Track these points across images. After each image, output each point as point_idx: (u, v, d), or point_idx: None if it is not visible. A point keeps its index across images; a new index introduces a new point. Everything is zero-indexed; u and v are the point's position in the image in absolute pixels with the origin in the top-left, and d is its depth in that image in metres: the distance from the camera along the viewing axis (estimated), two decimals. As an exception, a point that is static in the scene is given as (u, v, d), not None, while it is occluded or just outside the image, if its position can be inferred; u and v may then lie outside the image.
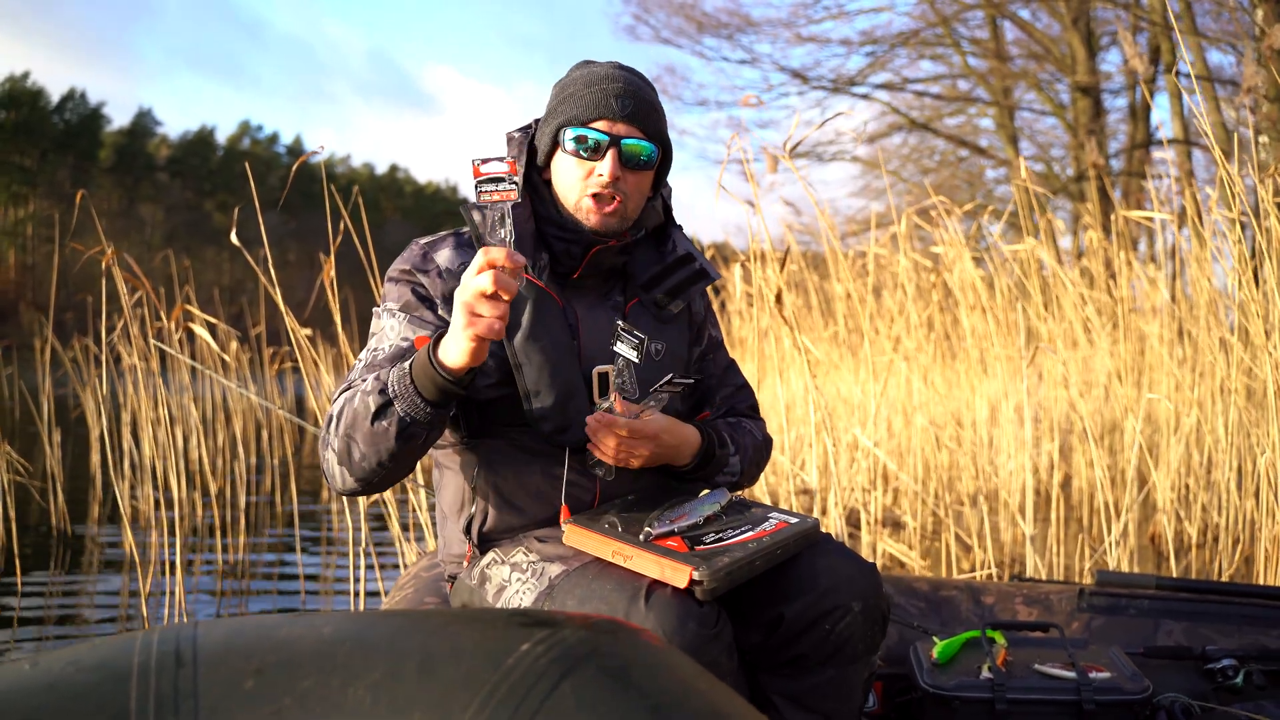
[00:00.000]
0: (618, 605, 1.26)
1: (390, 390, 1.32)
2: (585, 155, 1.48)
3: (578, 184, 1.50)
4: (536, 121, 1.60)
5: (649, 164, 1.51)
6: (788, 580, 1.40)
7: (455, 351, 1.27)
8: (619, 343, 1.47)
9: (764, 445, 1.71)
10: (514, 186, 1.27)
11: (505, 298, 1.23)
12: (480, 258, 1.23)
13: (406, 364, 1.33)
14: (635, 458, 1.45)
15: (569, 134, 1.49)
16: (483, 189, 1.27)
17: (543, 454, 1.51)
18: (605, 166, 1.47)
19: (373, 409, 1.33)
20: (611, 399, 1.44)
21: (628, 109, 1.47)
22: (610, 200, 1.49)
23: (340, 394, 1.42)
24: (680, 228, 1.69)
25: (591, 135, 1.47)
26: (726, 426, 1.65)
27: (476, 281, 1.23)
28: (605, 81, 1.49)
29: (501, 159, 1.28)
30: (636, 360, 1.46)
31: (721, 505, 1.47)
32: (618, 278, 1.61)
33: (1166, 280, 5.03)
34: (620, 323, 1.47)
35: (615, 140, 1.47)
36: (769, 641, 1.41)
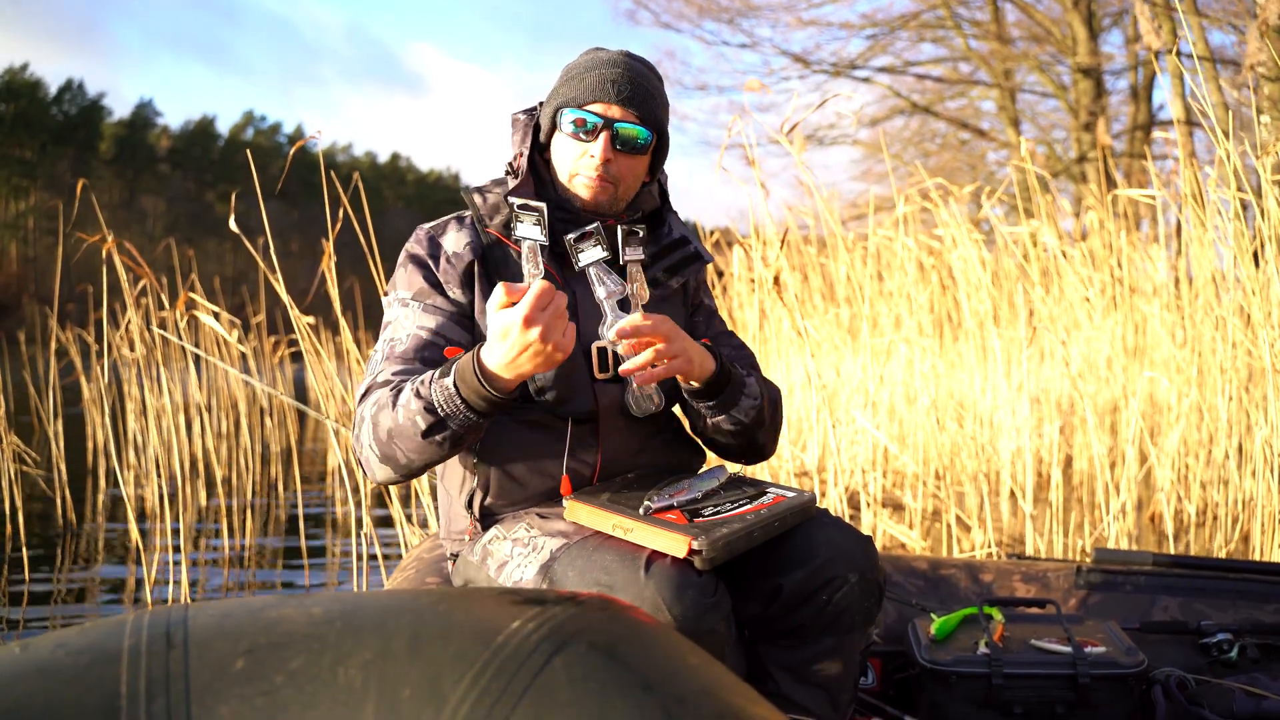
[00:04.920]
0: (618, 575, 1.28)
1: (440, 410, 1.32)
2: (580, 137, 1.51)
3: (571, 164, 1.53)
4: (541, 104, 1.62)
5: (642, 148, 1.53)
6: (786, 552, 1.42)
7: (512, 374, 1.29)
8: (580, 254, 1.47)
9: (775, 391, 1.65)
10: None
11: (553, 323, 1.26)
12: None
13: (450, 382, 1.32)
14: (669, 357, 1.38)
15: (565, 115, 1.52)
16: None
17: (543, 426, 1.52)
18: (597, 148, 1.49)
19: (423, 427, 1.34)
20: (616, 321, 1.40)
21: (623, 93, 1.49)
22: (602, 180, 1.51)
23: (366, 391, 1.44)
24: (675, 213, 1.70)
25: (587, 117, 1.49)
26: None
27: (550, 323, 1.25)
28: (606, 66, 1.51)
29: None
30: (605, 255, 1.46)
31: (720, 481, 1.50)
32: (614, 261, 1.60)
33: (1169, 261, 5.02)
34: (569, 237, 1.47)
35: (609, 123, 1.49)
36: (767, 612, 1.43)
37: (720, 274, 5.91)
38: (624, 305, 1.48)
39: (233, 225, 2.83)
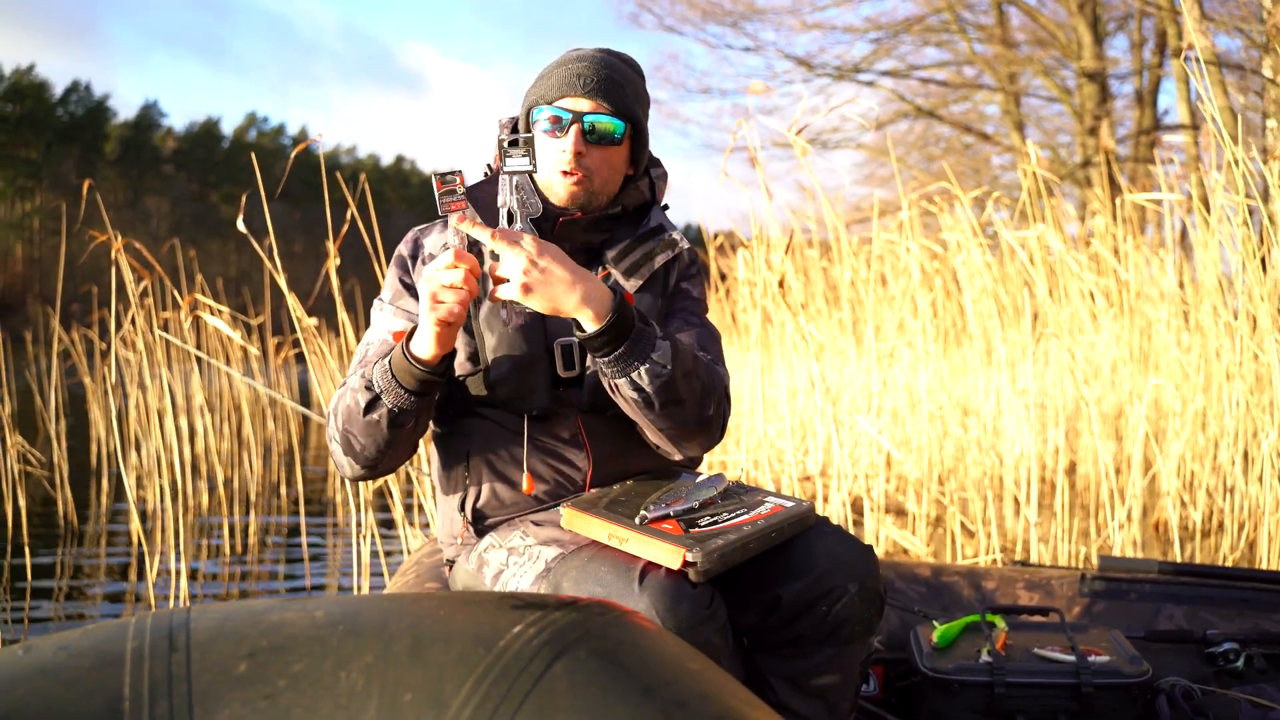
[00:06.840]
0: (613, 586, 1.27)
1: (375, 386, 1.40)
2: (554, 134, 1.50)
3: (546, 162, 1.51)
4: None
5: (614, 139, 1.51)
6: (785, 562, 1.40)
7: (424, 341, 1.34)
8: (507, 159, 1.38)
9: (711, 371, 1.49)
10: (463, 197, 1.35)
11: (466, 292, 1.30)
12: (450, 256, 1.29)
13: (386, 360, 1.40)
14: (544, 278, 1.31)
15: (537, 113, 1.52)
16: (442, 199, 1.35)
17: (518, 427, 1.52)
18: (567, 142, 1.48)
19: (363, 405, 1.41)
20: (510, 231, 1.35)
21: (589, 85, 1.48)
22: (575, 174, 1.50)
23: (338, 391, 1.50)
24: (665, 208, 1.67)
25: (556, 113, 1.49)
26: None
27: (444, 275, 1.29)
28: (575, 61, 1.51)
29: (454, 172, 1.35)
30: (532, 167, 1.38)
31: (718, 491, 1.48)
32: (595, 257, 1.59)
33: (1175, 265, 5.01)
34: (501, 137, 1.39)
35: (579, 116, 1.48)
36: (766, 622, 1.42)
37: (724, 277, 5.91)
38: (537, 225, 1.51)
39: (240, 225, 2.84)
